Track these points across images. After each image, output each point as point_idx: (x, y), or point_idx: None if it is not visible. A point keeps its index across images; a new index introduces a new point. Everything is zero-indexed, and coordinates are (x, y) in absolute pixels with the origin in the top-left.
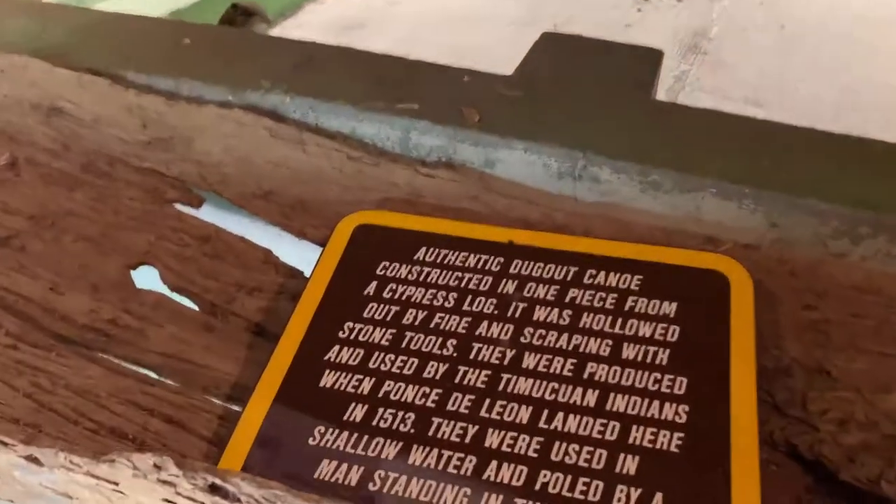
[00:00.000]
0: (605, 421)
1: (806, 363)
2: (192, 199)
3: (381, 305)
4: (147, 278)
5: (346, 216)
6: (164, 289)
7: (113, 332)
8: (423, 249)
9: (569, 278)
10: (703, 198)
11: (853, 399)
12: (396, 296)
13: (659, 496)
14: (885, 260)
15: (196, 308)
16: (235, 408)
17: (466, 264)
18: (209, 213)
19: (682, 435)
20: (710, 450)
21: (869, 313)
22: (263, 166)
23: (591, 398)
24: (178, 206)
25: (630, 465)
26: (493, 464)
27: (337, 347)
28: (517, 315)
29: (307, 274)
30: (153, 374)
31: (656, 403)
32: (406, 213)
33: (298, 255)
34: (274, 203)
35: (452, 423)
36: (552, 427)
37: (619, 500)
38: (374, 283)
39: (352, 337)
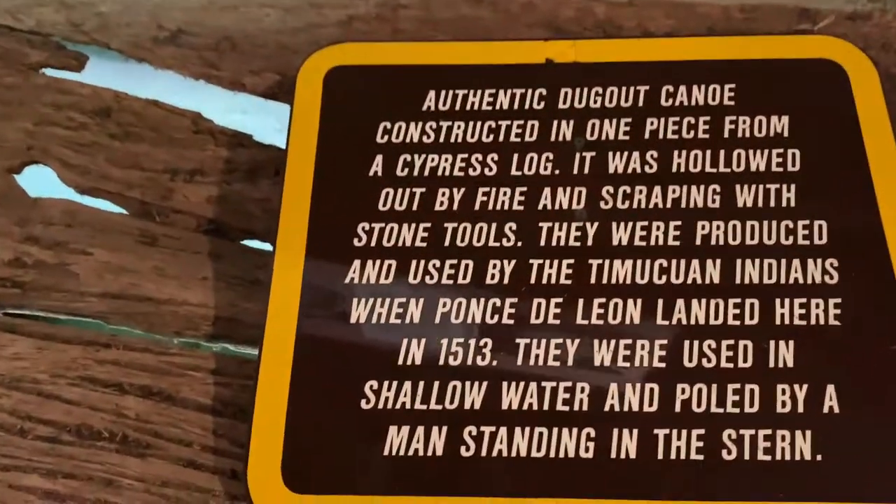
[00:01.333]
0: (738, 300)
1: None
2: (68, 59)
3: (400, 189)
4: (41, 183)
5: (311, 56)
6: (69, 193)
7: (23, 277)
8: (433, 94)
9: (640, 103)
10: None
11: None
12: (416, 171)
13: (831, 389)
14: None
15: (123, 212)
16: (229, 346)
17: (498, 106)
18: (98, 76)
19: (838, 301)
20: (879, 318)
21: None
22: None
23: (714, 271)
24: (51, 73)
25: (785, 354)
26: (613, 387)
27: (358, 263)
28: (586, 170)
29: (256, 138)
30: (103, 328)
31: (796, 263)
32: (389, 42)
33: (238, 112)
34: (188, 47)
35: (545, 341)
36: (674, 321)
37: (784, 404)
38: (379, 158)
39: (373, 244)
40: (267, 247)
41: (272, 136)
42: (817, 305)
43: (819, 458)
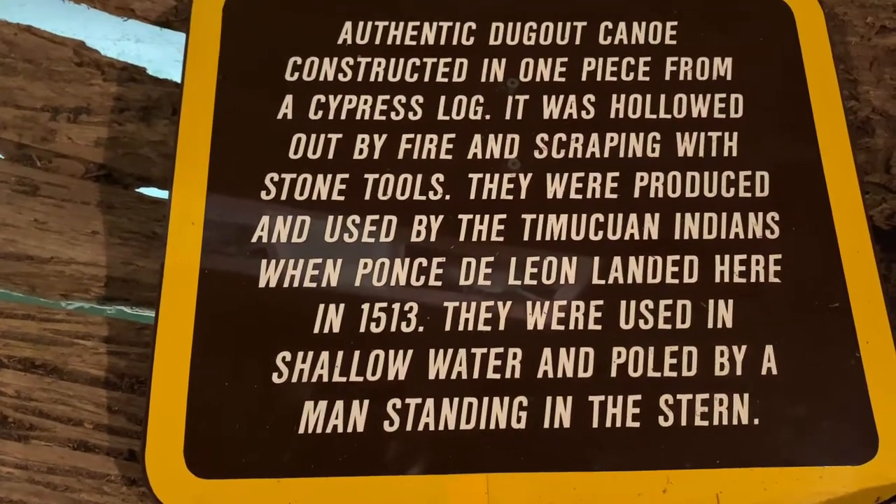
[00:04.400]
0: (677, 257)
1: (890, 112)
2: None
3: (313, 135)
4: None
5: None
6: None
7: None
8: (349, 25)
9: (577, 41)
10: None
11: None
12: (331, 114)
13: (769, 350)
14: None
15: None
16: (125, 309)
17: (422, 40)
18: None
19: (778, 257)
20: (819, 274)
21: None
22: None
23: (652, 227)
24: None
25: (724, 314)
26: (546, 353)
27: (266, 219)
28: (519, 115)
29: (151, 71)
30: None
31: (737, 217)
32: None
33: (131, 41)
34: None
35: (475, 304)
36: (610, 281)
37: (722, 366)
38: (289, 98)
39: (283, 197)
40: (166, 195)
41: (170, 68)
42: (758, 262)
43: (756, 421)
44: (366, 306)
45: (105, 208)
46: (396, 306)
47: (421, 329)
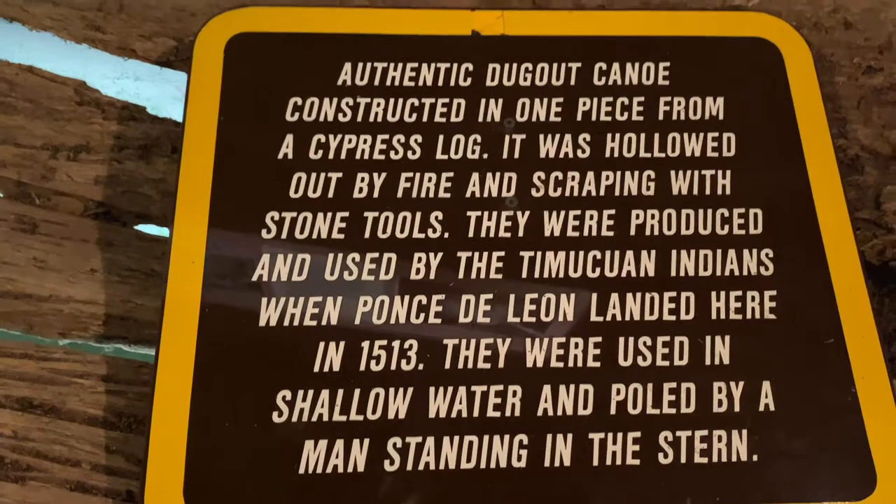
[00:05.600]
0: (674, 293)
1: (878, 150)
2: None
3: (314, 174)
4: None
5: (210, 21)
6: None
7: None
8: (349, 67)
9: (572, 81)
10: None
11: None
12: (331, 154)
13: (767, 387)
14: None
15: None
16: (123, 348)
17: (421, 81)
18: None
19: (773, 293)
20: (813, 310)
21: None
22: None
23: (649, 264)
24: None
25: (721, 350)
26: (546, 390)
27: (267, 257)
28: (517, 154)
29: (151, 110)
30: None
31: (732, 254)
32: (300, 6)
33: (130, 79)
34: (67, 6)
35: (474, 342)
36: (608, 318)
37: (720, 402)
38: (289, 138)
39: (284, 235)
40: (165, 233)
41: (169, 106)
42: (753, 298)
43: (755, 458)
44: (366, 344)
45: (104, 246)
46: (396, 344)
47: (421, 367)
